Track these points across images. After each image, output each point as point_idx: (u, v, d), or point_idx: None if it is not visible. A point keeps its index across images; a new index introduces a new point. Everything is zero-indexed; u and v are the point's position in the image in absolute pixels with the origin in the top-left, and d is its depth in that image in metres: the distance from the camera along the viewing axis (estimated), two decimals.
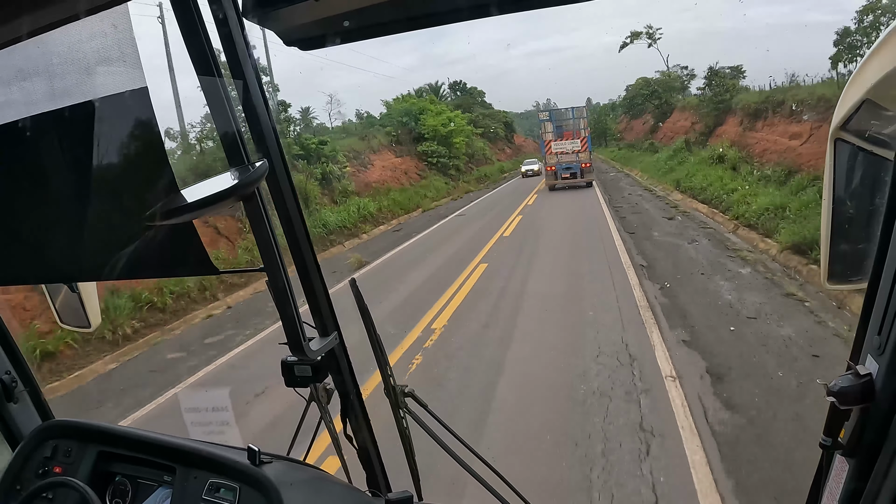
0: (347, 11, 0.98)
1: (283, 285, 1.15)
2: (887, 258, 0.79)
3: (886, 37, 0.84)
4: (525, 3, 0.91)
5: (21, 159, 1.17)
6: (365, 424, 1.52)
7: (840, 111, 0.98)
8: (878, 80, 0.86)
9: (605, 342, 6.35)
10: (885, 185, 0.81)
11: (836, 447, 0.86)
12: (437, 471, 2.06)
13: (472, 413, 4.95)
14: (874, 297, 0.82)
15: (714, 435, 4.24)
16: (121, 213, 1.14)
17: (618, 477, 3.80)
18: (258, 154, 1.10)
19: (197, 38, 0.96)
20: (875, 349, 0.80)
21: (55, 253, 1.30)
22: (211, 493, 1.32)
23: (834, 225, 1.04)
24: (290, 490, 1.25)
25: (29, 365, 1.66)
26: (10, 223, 1.27)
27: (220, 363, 7.45)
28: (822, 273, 1.10)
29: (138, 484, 1.44)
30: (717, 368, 5.42)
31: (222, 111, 1.01)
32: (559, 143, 24.27)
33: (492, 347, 6.64)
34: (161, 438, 1.47)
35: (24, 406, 1.64)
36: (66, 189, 1.17)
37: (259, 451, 1.31)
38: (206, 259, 1.11)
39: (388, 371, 1.43)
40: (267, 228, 1.09)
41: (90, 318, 1.70)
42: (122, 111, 1.02)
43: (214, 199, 0.98)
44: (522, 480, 1.51)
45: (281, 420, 4.74)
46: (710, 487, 3.63)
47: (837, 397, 0.82)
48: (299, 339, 1.20)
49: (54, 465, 1.48)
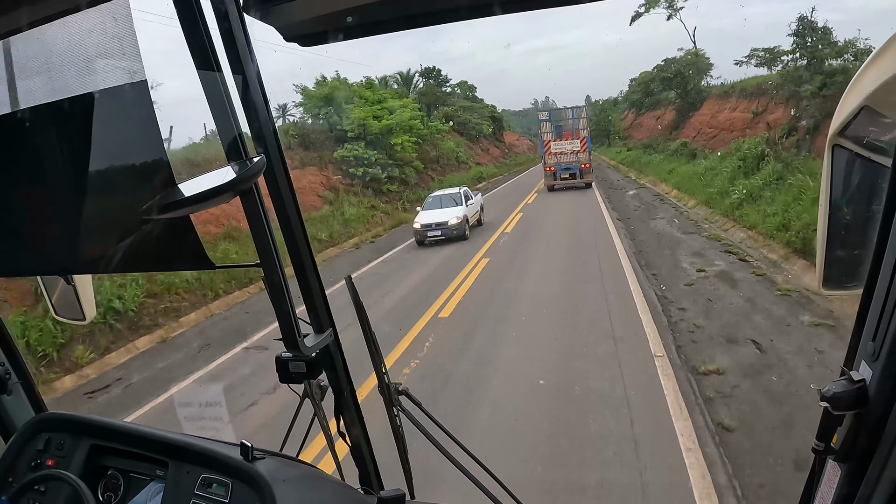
0: (348, 8, 0.98)
1: (279, 281, 1.14)
2: (882, 265, 0.79)
3: (886, 44, 0.84)
4: (525, 3, 0.91)
5: (19, 151, 1.17)
6: (358, 422, 1.52)
7: (838, 117, 0.99)
8: (876, 87, 0.87)
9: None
10: (881, 192, 0.82)
11: (828, 452, 0.87)
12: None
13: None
14: (869, 304, 0.82)
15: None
16: (118, 207, 1.14)
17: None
18: (256, 150, 1.10)
19: (197, 33, 0.96)
20: (869, 355, 0.81)
21: (52, 245, 1.29)
22: (203, 488, 1.32)
23: (830, 230, 1.05)
24: (282, 486, 1.25)
25: (22, 357, 1.66)
26: (6, 215, 1.26)
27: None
28: (817, 278, 1.10)
29: (130, 478, 1.44)
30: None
31: (221, 106, 1.01)
32: (558, 143, 23.64)
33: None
34: (154, 433, 1.47)
35: (18, 398, 1.64)
36: (63, 181, 1.17)
37: (252, 446, 1.31)
38: (203, 253, 1.11)
39: (383, 369, 1.43)
40: (264, 224, 1.09)
41: (85, 311, 1.70)
42: (121, 104, 1.02)
43: (212, 193, 0.98)
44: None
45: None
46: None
47: (831, 402, 0.82)
48: (294, 335, 1.20)
49: (47, 457, 1.48)
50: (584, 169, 23.23)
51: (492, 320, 7.67)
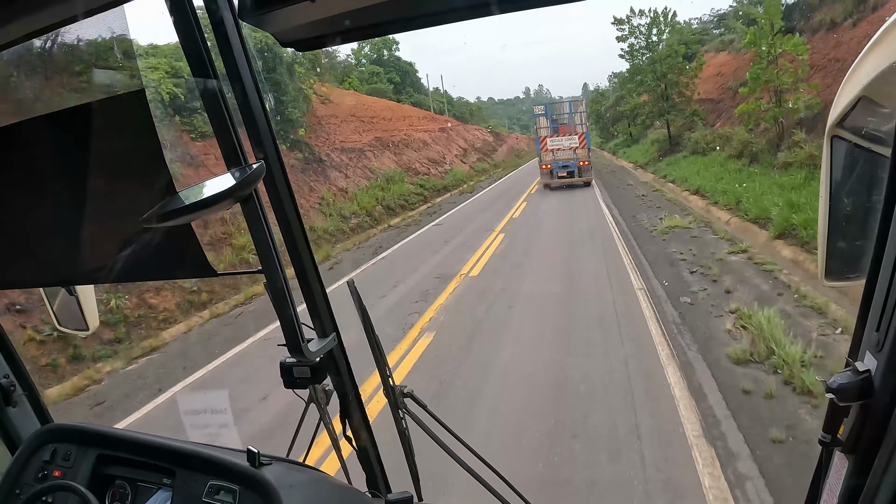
0: (344, 12, 0.98)
1: (282, 287, 1.14)
2: (885, 255, 0.79)
3: (882, 33, 0.84)
4: (522, 2, 0.91)
5: (19, 162, 1.17)
6: (364, 425, 1.52)
7: (836, 108, 0.99)
8: (874, 77, 0.87)
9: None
10: (881, 182, 0.81)
11: (835, 444, 0.86)
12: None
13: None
14: (872, 294, 0.82)
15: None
16: (119, 216, 1.14)
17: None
18: (255, 156, 1.10)
19: (193, 41, 0.96)
20: (873, 346, 0.81)
21: (53, 256, 1.29)
22: (210, 496, 1.32)
23: (831, 222, 1.05)
24: (289, 491, 1.25)
25: (27, 369, 1.66)
26: (7, 226, 1.26)
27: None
28: (819, 270, 1.10)
29: (138, 487, 1.44)
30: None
31: (219, 113, 1.01)
32: (555, 139, 22.31)
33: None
34: (160, 441, 1.47)
35: (23, 410, 1.64)
36: (63, 192, 1.17)
37: (258, 452, 1.31)
38: (204, 261, 1.11)
39: (387, 371, 1.43)
40: (265, 230, 1.09)
41: (88, 321, 1.70)
42: (119, 114, 1.02)
43: (212, 200, 0.98)
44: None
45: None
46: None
47: (836, 394, 0.82)
48: (298, 340, 1.20)
49: (53, 468, 1.48)
50: (583, 167, 22.14)
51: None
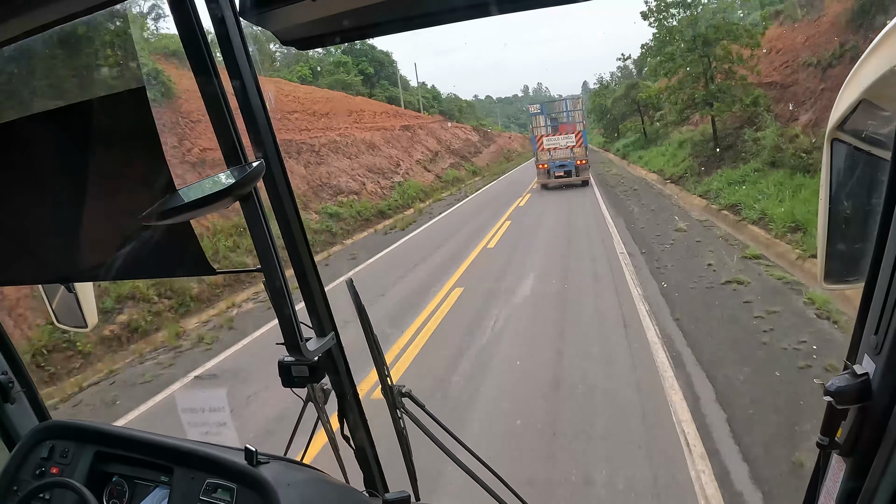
0: (345, 11, 0.97)
1: (280, 286, 1.14)
2: (884, 258, 0.79)
3: (883, 37, 0.84)
4: (522, 2, 0.91)
5: (18, 159, 1.17)
6: (362, 424, 1.52)
7: (837, 111, 0.99)
8: (874, 80, 0.87)
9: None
10: (881, 185, 0.82)
11: (833, 446, 0.87)
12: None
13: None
14: (871, 297, 0.82)
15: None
16: (118, 214, 1.14)
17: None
18: (255, 154, 1.10)
19: (194, 39, 0.96)
20: (872, 349, 0.81)
21: (52, 253, 1.29)
22: (208, 494, 1.32)
23: (831, 225, 1.04)
24: (287, 490, 1.25)
25: (25, 365, 1.65)
26: (7, 223, 1.26)
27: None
28: (818, 273, 1.10)
29: (135, 484, 1.44)
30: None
31: (219, 111, 1.01)
32: (552, 138, 21.88)
33: None
34: (158, 439, 1.47)
35: (21, 406, 1.64)
36: (63, 189, 1.17)
37: (256, 451, 1.31)
38: (203, 259, 1.11)
39: (385, 371, 1.43)
40: (264, 229, 1.09)
41: (87, 318, 1.70)
42: (120, 111, 1.02)
43: (211, 199, 0.98)
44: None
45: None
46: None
47: (834, 397, 0.82)
48: (296, 339, 1.20)
49: (51, 465, 1.48)
50: (580, 166, 21.68)
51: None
